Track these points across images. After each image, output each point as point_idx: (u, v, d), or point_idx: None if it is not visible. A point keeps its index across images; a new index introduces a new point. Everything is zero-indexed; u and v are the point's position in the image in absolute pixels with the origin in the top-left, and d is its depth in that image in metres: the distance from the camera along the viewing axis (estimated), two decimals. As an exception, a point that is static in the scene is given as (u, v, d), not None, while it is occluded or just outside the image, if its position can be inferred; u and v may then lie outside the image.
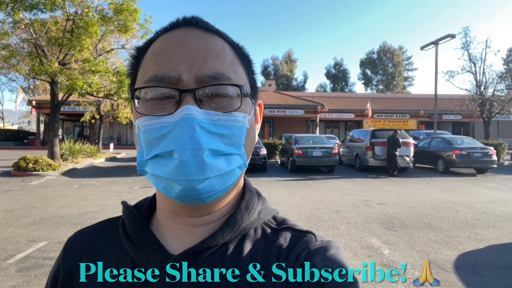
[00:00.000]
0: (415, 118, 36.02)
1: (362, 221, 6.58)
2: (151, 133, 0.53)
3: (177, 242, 0.59)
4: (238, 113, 0.55)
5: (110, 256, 0.61)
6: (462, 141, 15.45)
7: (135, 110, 0.56)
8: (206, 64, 0.55)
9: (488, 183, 11.95)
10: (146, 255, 0.57)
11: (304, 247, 0.57)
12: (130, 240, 0.60)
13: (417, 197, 9.11)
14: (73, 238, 0.68)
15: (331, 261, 0.55)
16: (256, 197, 0.66)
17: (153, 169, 0.54)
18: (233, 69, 0.57)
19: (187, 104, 0.52)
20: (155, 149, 0.53)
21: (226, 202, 0.61)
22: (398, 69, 62.98)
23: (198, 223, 0.60)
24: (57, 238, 5.38)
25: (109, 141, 29.63)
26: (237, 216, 0.60)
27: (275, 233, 0.61)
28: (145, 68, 0.57)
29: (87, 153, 18.14)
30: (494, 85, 24.78)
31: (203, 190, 0.52)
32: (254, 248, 0.59)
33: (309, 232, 0.61)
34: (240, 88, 0.56)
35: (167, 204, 0.61)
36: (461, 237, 5.63)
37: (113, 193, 9.36)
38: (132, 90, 0.58)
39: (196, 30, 0.58)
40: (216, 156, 0.53)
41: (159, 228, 0.63)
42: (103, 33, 14.13)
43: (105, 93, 15.87)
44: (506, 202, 8.53)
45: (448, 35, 19.55)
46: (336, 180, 12.51)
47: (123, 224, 0.63)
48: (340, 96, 43.12)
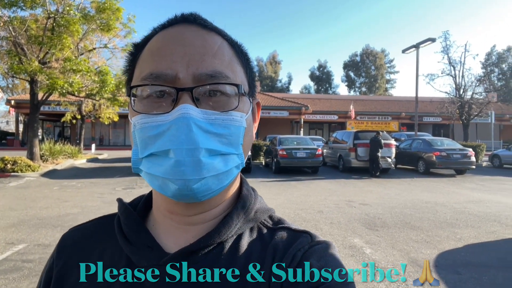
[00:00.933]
0: (396, 120, 36.68)
1: (345, 221, 6.66)
2: (147, 132, 0.53)
3: (173, 241, 0.59)
4: (236, 112, 0.55)
5: (105, 253, 0.61)
6: (442, 142, 15.81)
7: (131, 108, 0.56)
8: (204, 62, 0.54)
9: (467, 184, 12.26)
10: (141, 254, 0.57)
11: (300, 247, 0.57)
12: (125, 238, 0.59)
13: (399, 198, 9.27)
14: (67, 235, 0.67)
15: (327, 261, 0.55)
16: (253, 196, 0.65)
17: (148, 167, 0.54)
18: (231, 68, 0.57)
19: (184, 103, 0.51)
20: (150, 148, 0.53)
21: (222, 200, 0.61)
22: (381, 71, 63.98)
23: (194, 221, 0.59)
24: (37, 241, 5.26)
25: (91, 141, 29.14)
26: (233, 215, 0.59)
27: (271, 233, 0.61)
28: (142, 65, 0.57)
29: (67, 154, 17.79)
30: (473, 88, 25.48)
31: (199, 190, 0.51)
32: (250, 247, 0.58)
33: (305, 232, 0.60)
34: (238, 87, 0.55)
35: (163, 202, 0.60)
36: (440, 237, 5.77)
37: (95, 194, 9.20)
38: (128, 87, 0.57)
39: (194, 27, 0.57)
40: (213, 156, 0.52)
41: (155, 226, 0.62)
42: (84, 31, 13.92)
43: (87, 93, 15.61)
44: (484, 202, 8.77)
45: (429, 39, 20.01)
46: (320, 181, 12.62)
47: (119, 221, 0.62)
48: (324, 98, 43.53)
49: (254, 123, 0.64)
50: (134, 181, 11.74)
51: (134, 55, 0.60)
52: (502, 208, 7.97)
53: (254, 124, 0.65)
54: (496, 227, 6.38)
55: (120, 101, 16.64)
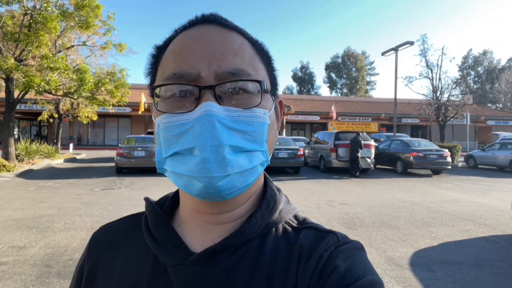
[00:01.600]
0: (376, 121, 37.32)
1: (325, 221, 6.74)
2: (171, 131, 0.53)
3: (198, 240, 0.59)
4: (259, 109, 0.55)
5: (132, 251, 0.62)
6: (419, 143, 16.17)
7: (155, 108, 0.56)
8: (225, 60, 0.54)
9: (443, 184, 12.59)
10: (167, 252, 0.57)
11: (327, 247, 0.55)
12: (152, 237, 0.60)
13: (377, 197, 9.45)
14: (97, 233, 0.69)
15: (354, 262, 0.53)
16: (278, 195, 0.64)
17: (173, 166, 0.54)
18: (252, 65, 0.57)
19: (207, 101, 0.51)
20: (174, 147, 0.53)
21: (247, 199, 0.61)
22: (361, 73, 64.95)
23: (219, 220, 0.59)
24: (11, 242, 5.11)
25: (69, 141, 28.48)
26: (258, 215, 0.59)
27: (297, 233, 0.60)
28: (164, 66, 0.57)
29: (44, 154, 17.35)
30: (449, 91, 26.14)
31: (224, 187, 0.51)
32: (276, 247, 0.58)
33: (331, 232, 0.59)
34: (260, 84, 0.55)
35: (189, 201, 0.61)
36: (416, 235, 5.91)
37: (72, 195, 9.01)
38: (152, 88, 0.58)
39: (214, 26, 0.58)
40: (237, 153, 0.52)
41: (181, 225, 0.63)
42: (63, 29, 13.64)
43: (65, 91, 15.29)
44: (459, 201, 9.03)
45: (407, 42, 20.45)
46: (301, 181, 12.73)
47: (146, 220, 0.63)
48: (306, 99, 43.88)
49: (277, 122, 0.64)
50: (113, 181, 11.55)
51: (156, 57, 0.61)
52: (476, 208, 8.22)
53: (277, 123, 0.64)
54: (470, 226, 6.58)
55: (99, 100, 16.36)
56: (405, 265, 4.58)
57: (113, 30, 15.12)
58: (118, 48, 15.97)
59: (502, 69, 56.29)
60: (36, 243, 5.11)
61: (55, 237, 5.42)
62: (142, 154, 13.44)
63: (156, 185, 10.92)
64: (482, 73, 59.65)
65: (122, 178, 12.28)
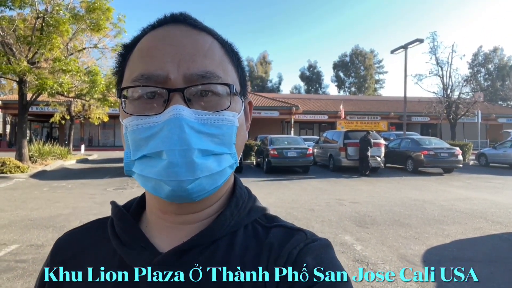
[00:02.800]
0: (385, 119, 37.09)
1: (336, 219, 6.77)
2: (139, 133, 0.52)
3: (166, 240, 0.58)
4: (228, 112, 0.55)
5: (98, 255, 0.61)
6: (430, 142, 16.06)
7: (122, 110, 0.55)
8: (195, 62, 0.53)
9: (454, 182, 12.50)
10: (134, 254, 0.57)
11: (296, 245, 0.56)
12: (118, 239, 0.59)
13: (388, 196, 9.43)
14: (62, 239, 0.67)
15: (323, 259, 0.54)
16: (247, 195, 0.65)
17: (141, 169, 0.53)
18: (222, 67, 0.56)
19: (176, 104, 0.51)
20: (143, 150, 0.52)
21: (216, 199, 0.60)
22: (370, 72, 64.61)
23: (187, 220, 0.59)
24: (29, 241, 5.24)
25: (80, 142, 28.84)
26: (227, 213, 0.59)
27: (266, 231, 0.60)
28: (132, 67, 0.56)
29: (57, 155, 17.63)
30: (460, 88, 25.94)
31: (193, 190, 0.51)
32: (245, 245, 0.58)
33: (300, 230, 0.60)
34: (229, 87, 0.55)
35: (156, 203, 0.60)
36: (428, 233, 5.90)
37: (86, 195, 9.16)
38: (119, 89, 0.57)
39: (184, 27, 0.57)
40: (206, 156, 0.52)
41: (148, 226, 0.62)
42: (74, 31, 13.83)
43: (76, 93, 15.51)
44: (471, 199, 8.97)
45: (417, 39, 20.30)
46: (311, 180, 12.74)
47: (112, 223, 0.62)
48: (314, 98, 43.79)
49: (246, 123, 0.64)
50: (125, 181, 11.70)
51: (124, 56, 0.60)
52: (488, 205, 8.17)
53: (247, 123, 0.65)
54: (482, 223, 6.55)
55: (110, 101, 16.56)
56: (418, 262, 4.59)
57: (124, 32, 15.30)
58: (128, 50, 16.12)
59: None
60: (54, 242, 5.21)
61: (71, 235, 5.53)
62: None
63: (167, 185, 11.02)
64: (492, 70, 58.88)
65: (133, 178, 12.35)
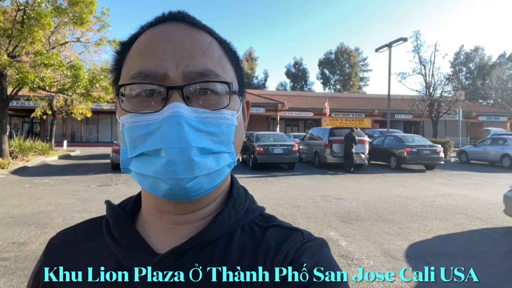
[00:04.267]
0: (370, 117, 37.57)
1: (321, 215, 6.85)
2: (137, 131, 0.51)
3: (163, 241, 0.58)
4: (227, 110, 0.55)
5: (93, 256, 0.60)
6: (412, 139, 16.34)
7: (120, 107, 0.55)
8: (194, 60, 0.53)
9: (436, 179, 12.77)
10: (131, 255, 0.56)
11: (292, 244, 0.56)
12: (114, 240, 0.58)
13: (372, 192, 9.58)
14: (55, 239, 0.66)
15: (320, 259, 0.54)
16: (244, 195, 0.65)
17: (138, 167, 0.52)
18: (221, 66, 0.56)
19: (175, 102, 0.50)
20: (140, 147, 0.51)
21: (213, 199, 0.60)
22: (354, 69, 65.20)
23: (184, 221, 0.58)
24: (11, 239, 5.13)
25: (62, 138, 28.27)
26: (225, 214, 0.59)
27: (263, 231, 0.60)
28: (130, 64, 0.56)
29: (38, 151, 17.26)
30: (442, 87, 26.44)
31: (191, 189, 0.51)
32: (242, 246, 0.57)
33: (297, 230, 0.60)
34: (228, 86, 0.55)
35: (152, 202, 0.59)
36: (411, 229, 6.03)
37: (69, 192, 9.01)
38: (116, 86, 0.56)
39: (182, 25, 0.57)
40: (205, 155, 0.51)
41: (145, 227, 0.61)
42: (56, 25, 13.52)
43: (59, 88, 15.19)
44: (452, 196, 9.19)
45: (401, 38, 20.61)
46: (296, 176, 12.82)
47: (107, 223, 0.61)
48: (299, 95, 43.97)
49: (244, 122, 0.64)
50: (109, 178, 11.55)
51: (121, 53, 0.60)
52: (468, 202, 8.39)
53: (244, 122, 0.64)
54: (463, 219, 6.73)
55: (93, 96, 16.27)
56: (401, 257, 4.69)
57: (108, 26, 15.05)
58: (112, 45, 15.85)
59: (493, 66, 56.90)
60: (37, 239, 5.13)
61: (54, 233, 5.42)
62: (138, 150, 13.42)
63: (152, 181, 10.93)
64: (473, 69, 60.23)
65: (118, 175, 12.27)
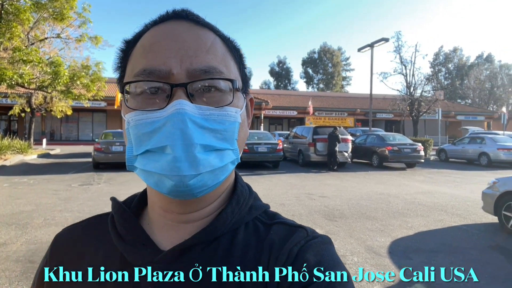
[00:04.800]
0: (352, 116, 38.07)
1: (306, 213, 6.92)
2: (142, 128, 0.52)
3: (167, 238, 0.58)
4: (231, 107, 0.55)
5: (98, 252, 0.60)
6: (394, 138, 16.67)
7: (125, 105, 0.55)
8: (198, 58, 0.54)
9: (416, 176, 13.05)
10: (135, 252, 0.56)
11: (296, 242, 0.56)
12: (119, 236, 0.59)
13: (355, 190, 9.72)
14: (61, 235, 0.67)
15: (323, 256, 0.54)
16: (247, 192, 0.65)
17: (143, 164, 0.53)
18: (225, 63, 0.57)
19: (179, 99, 0.51)
20: (146, 144, 0.52)
21: (217, 197, 0.61)
22: (337, 69, 65.83)
23: (189, 219, 0.59)
24: (-10, 240, 5.01)
25: (41, 136, 27.60)
26: (228, 210, 0.59)
27: (267, 228, 0.60)
28: (134, 62, 0.56)
29: (16, 149, 16.78)
30: (422, 87, 27.02)
31: (195, 186, 0.51)
32: (246, 243, 0.58)
33: (301, 227, 0.60)
34: (232, 83, 0.55)
35: (157, 200, 0.60)
36: (393, 225, 6.16)
37: (49, 191, 8.82)
38: (121, 84, 0.57)
39: (186, 23, 0.57)
40: (208, 152, 0.52)
41: (150, 224, 0.61)
42: (35, 20, 13.20)
43: (38, 85, 14.85)
44: (432, 193, 9.42)
45: (383, 38, 20.93)
46: (281, 175, 12.89)
47: (112, 220, 0.62)
48: (283, 94, 44.15)
49: (247, 119, 0.65)
50: (91, 177, 11.36)
51: (125, 52, 0.60)
52: (448, 199, 8.61)
53: (248, 120, 0.65)
54: (443, 216, 6.91)
55: (74, 94, 15.98)
56: (384, 253, 4.79)
57: (89, 22, 14.78)
58: (93, 41, 15.62)
59: (471, 66, 58.34)
60: (17, 240, 5.01)
61: (36, 233, 5.33)
62: (121, 149, 13.22)
63: (135, 180, 10.80)
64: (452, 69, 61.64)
65: (100, 174, 12.08)
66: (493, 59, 60.02)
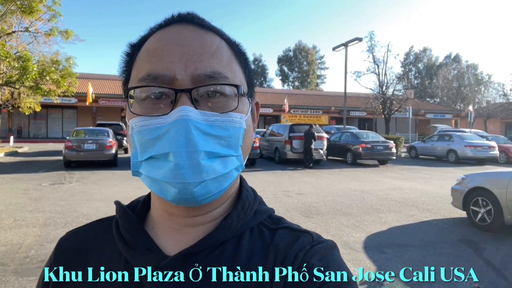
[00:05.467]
0: (327, 114, 38.63)
1: (283, 210, 6.99)
2: (146, 134, 0.51)
3: (172, 243, 0.58)
4: (235, 113, 0.54)
5: (103, 256, 0.60)
6: (367, 135, 17.05)
7: (129, 110, 0.55)
8: (202, 63, 0.53)
9: (388, 173, 13.43)
10: (140, 256, 0.56)
11: (302, 247, 0.56)
12: (124, 241, 0.58)
13: (330, 187, 9.90)
14: (64, 239, 0.66)
15: (329, 261, 0.54)
16: (252, 196, 0.65)
17: (148, 171, 0.53)
18: (230, 68, 0.56)
19: (183, 105, 0.50)
20: (150, 151, 0.51)
21: (222, 202, 0.60)
22: (312, 67, 66.55)
23: (194, 223, 0.58)
24: (-44, 242, 4.79)
25: (8, 133, 26.50)
26: (234, 216, 0.59)
27: (272, 233, 0.60)
28: (139, 66, 0.56)
29: (-19, 147, 16.07)
30: (394, 86, 27.72)
31: (199, 193, 0.51)
32: (251, 248, 0.57)
33: (306, 232, 0.60)
34: (237, 88, 0.54)
35: (162, 204, 0.59)
36: (368, 221, 6.33)
37: (18, 191, 8.50)
38: (125, 89, 0.56)
39: (191, 26, 0.56)
40: (213, 158, 0.51)
41: (154, 228, 0.61)
42: (2, 13, 12.62)
43: (5, 80, 14.23)
44: (403, 189, 9.72)
45: (356, 38, 21.35)
46: (258, 172, 12.96)
47: (117, 224, 0.61)
48: (259, 91, 44.21)
49: (253, 124, 0.64)
50: (62, 176, 11.03)
51: (131, 55, 0.59)
52: (418, 194, 8.92)
53: (254, 124, 0.64)
54: (414, 211, 7.15)
55: (43, 89, 15.44)
56: (359, 248, 4.92)
57: (59, 16, 14.28)
58: (64, 35, 15.13)
59: (440, 66, 60.43)
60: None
61: (6, 234, 5.14)
62: (93, 147, 12.90)
63: (109, 178, 10.58)
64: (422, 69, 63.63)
65: (71, 172, 11.74)
66: (461, 59, 62.48)
